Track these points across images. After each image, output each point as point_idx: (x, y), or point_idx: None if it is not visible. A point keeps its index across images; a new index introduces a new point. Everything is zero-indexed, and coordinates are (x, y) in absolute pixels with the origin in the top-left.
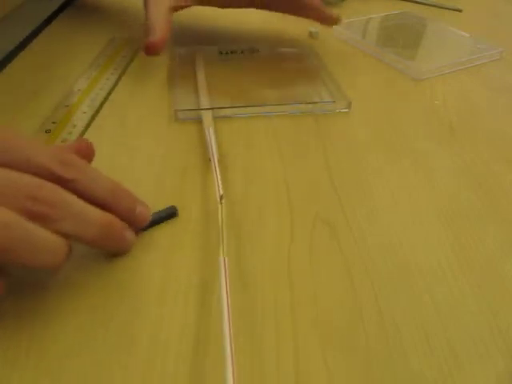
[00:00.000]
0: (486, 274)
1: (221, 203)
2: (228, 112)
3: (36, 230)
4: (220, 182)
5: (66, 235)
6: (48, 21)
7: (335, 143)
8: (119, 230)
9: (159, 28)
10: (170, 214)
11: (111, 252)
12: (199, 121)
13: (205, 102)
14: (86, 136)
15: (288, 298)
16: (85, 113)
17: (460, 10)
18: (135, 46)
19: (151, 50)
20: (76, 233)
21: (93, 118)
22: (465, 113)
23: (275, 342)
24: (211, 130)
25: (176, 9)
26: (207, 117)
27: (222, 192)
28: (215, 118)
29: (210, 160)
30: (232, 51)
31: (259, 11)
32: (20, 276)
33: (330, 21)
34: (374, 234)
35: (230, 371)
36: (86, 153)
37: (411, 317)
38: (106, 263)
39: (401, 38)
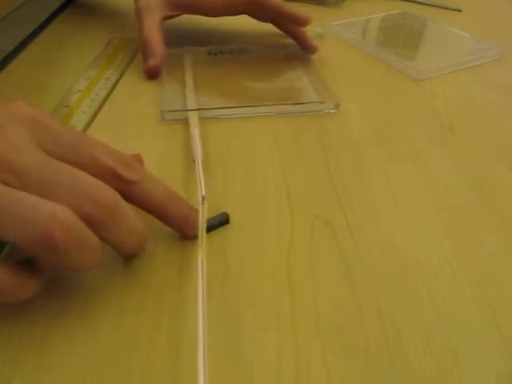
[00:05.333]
0: (486, 273)
1: (202, 204)
2: (215, 113)
3: (89, 234)
4: (203, 182)
5: (106, 241)
6: (48, 21)
7: (335, 143)
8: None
9: (156, 47)
10: (222, 221)
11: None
12: (187, 122)
13: (192, 102)
14: None
15: (288, 298)
16: (85, 113)
17: (460, 10)
18: (135, 46)
19: (153, 74)
20: (118, 243)
21: (93, 118)
22: (465, 113)
23: (275, 341)
24: (196, 132)
25: (167, 18)
26: (193, 118)
27: (204, 193)
28: (203, 119)
29: (194, 161)
30: (221, 52)
31: None
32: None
33: (310, 48)
34: (374, 234)
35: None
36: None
37: (411, 317)
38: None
39: (401, 37)
